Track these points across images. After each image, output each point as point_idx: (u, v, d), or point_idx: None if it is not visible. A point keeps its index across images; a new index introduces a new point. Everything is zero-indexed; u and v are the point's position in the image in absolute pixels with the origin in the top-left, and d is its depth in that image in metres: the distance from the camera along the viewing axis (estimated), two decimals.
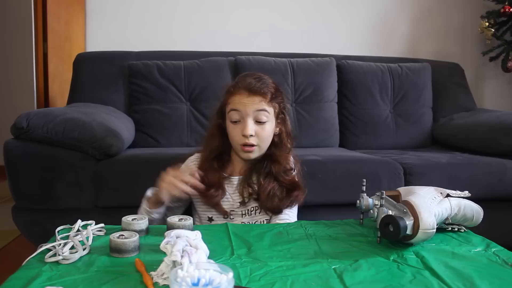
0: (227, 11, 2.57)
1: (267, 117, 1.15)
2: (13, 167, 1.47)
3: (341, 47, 2.62)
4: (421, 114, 2.31)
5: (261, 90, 1.15)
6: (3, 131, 1.83)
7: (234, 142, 1.18)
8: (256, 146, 1.16)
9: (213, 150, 1.21)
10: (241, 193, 1.20)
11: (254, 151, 1.16)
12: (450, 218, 0.94)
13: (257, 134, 1.15)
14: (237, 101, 1.14)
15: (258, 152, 1.18)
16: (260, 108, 1.14)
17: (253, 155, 1.17)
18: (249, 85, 1.15)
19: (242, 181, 1.21)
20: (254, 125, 1.14)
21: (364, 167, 1.65)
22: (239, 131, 1.15)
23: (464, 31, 2.79)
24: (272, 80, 1.22)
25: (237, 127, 1.15)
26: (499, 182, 1.70)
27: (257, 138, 1.15)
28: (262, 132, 1.15)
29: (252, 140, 1.14)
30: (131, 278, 0.68)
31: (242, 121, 1.14)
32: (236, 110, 1.14)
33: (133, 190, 1.50)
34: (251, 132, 1.13)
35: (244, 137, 1.14)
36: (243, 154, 1.17)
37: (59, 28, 2.52)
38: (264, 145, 1.18)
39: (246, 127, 1.13)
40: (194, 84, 2.08)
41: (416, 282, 0.70)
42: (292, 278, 0.70)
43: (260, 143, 1.16)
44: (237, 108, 1.14)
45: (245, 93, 1.14)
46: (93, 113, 1.66)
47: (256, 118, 1.14)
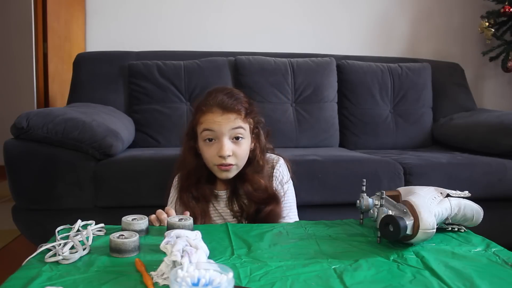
0: (227, 11, 2.58)
1: (243, 134, 1.10)
2: (13, 167, 1.47)
3: (341, 47, 2.62)
4: (421, 114, 2.31)
5: (235, 107, 1.08)
6: (3, 131, 1.83)
7: (209, 163, 1.12)
8: (234, 165, 1.10)
9: (190, 176, 1.15)
10: (231, 208, 1.16)
11: (231, 170, 1.11)
12: (450, 218, 0.94)
13: (234, 153, 1.09)
14: (211, 120, 1.08)
15: (236, 170, 1.12)
16: (235, 126, 1.08)
17: (231, 174, 1.11)
18: (221, 102, 1.08)
19: (229, 196, 1.17)
20: (231, 144, 1.09)
21: (364, 167, 1.65)
22: (214, 151, 1.08)
23: (464, 31, 2.79)
24: (244, 94, 1.16)
25: (212, 147, 1.09)
26: (499, 182, 1.70)
27: (234, 157, 1.09)
28: (239, 150, 1.10)
29: (229, 160, 1.08)
30: (131, 278, 0.68)
31: (218, 140, 1.08)
32: (210, 130, 1.08)
33: (133, 190, 1.51)
34: (229, 153, 1.07)
35: (221, 158, 1.08)
36: (220, 174, 1.11)
37: (59, 28, 2.52)
38: (241, 163, 1.12)
39: (222, 147, 1.07)
40: (194, 84, 2.08)
41: (416, 282, 0.70)
42: (292, 278, 0.70)
43: (238, 161, 1.11)
44: (210, 128, 1.08)
45: (219, 111, 1.08)
46: (93, 113, 1.66)
47: (232, 136, 1.09)
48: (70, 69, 2.19)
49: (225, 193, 1.18)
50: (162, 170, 1.52)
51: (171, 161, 1.56)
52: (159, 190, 1.48)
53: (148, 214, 0.95)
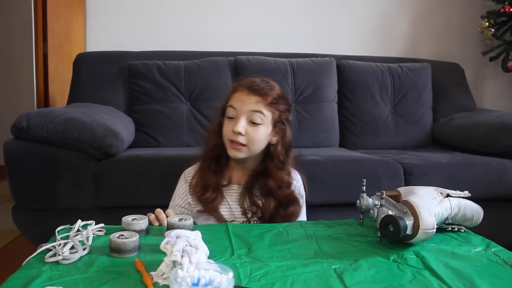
0: (227, 11, 2.57)
1: (261, 119, 1.11)
2: (13, 167, 1.47)
3: (341, 47, 2.62)
4: (421, 114, 2.31)
5: (262, 91, 1.12)
6: (3, 131, 1.83)
7: (224, 138, 1.15)
8: (245, 146, 1.12)
9: (211, 149, 1.18)
10: (241, 205, 1.16)
11: (241, 151, 1.12)
12: (450, 218, 0.94)
13: (247, 134, 1.10)
14: (236, 98, 1.13)
15: (247, 153, 1.13)
16: (255, 108, 1.11)
17: (240, 154, 1.12)
18: (251, 83, 1.14)
19: (243, 192, 1.17)
20: (247, 125, 1.11)
21: (364, 167, 1.65)
22: (230, 126, 1.12)
23: (464, 31, 2.79)
24: (280, 88, 1.19)
25: (230, 123, 1.13)
26: (499, 182, 1.70)
27: (246, 138, 1.11)
28: (253, 133, 1.11)
29: (240, 139, 1.10)
30: (131, 278, 0.68)
31: (236, 118, 1.12)
32: (233, 107, 1.12)
33: (133, 190, 1.51)
34: (241, 130, 1.09)
35: (234, 133, 1.11)
36: (230, 150, 1.13)
37: (59, 28, 2.52)
38: (254, 148, 1.13)
39: (237, 123, 1.10)
40: (194, 84, 2.08)
41: (416, 282, 0.70)
42: (292, 278, 0.70)
43: (250, 144, 1.11)
44: (233, 105, 1.12)
45: (245, 91, 1.12)
46: (93, 113, 1.66)
47: (250, 118, 1.11)
48: (70, 69, 2.19)
49: (238, 188, 1.19)
50: (162, 170, 1.52)
51: (171, 161, 1.56)
52: (159, 190, 1.48)
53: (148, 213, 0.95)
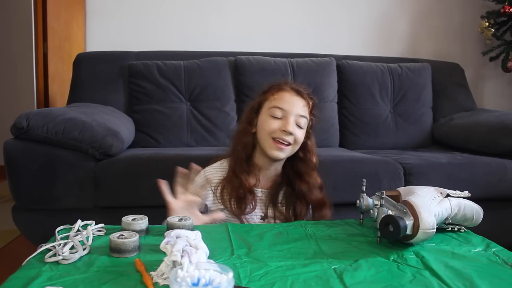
0: (227, 11, 2.58)
1: (304, 124, 1.15)
2: (13, 167, 1.47)
3: (341, 47, 2.62)
4: (421, 114, 2.31)
5: (307, 96, 1.16)
6: (3, 131, 1.83)
7: (266, 135, 1.13)
8: (290, 145, 1.13)
9: (246, 147, 1.16)
10: (265, 210, 1.16)
11: (285, 150, 1.13)
12: (450, 218, 0.94)
13: (294, 135, 1.12)
14: (284, 99, 1.13)
15: (288, 153, 1.14)
16: (302, 113, 1.13)
17: (283, 154, 1.13)
18: (297, 86, 1.16)
19: (268, 197, 1.17)
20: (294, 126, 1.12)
21: (364, 167, 1.65)
22: (277, 124, 1.11)
23: (464, 31, 2.79)
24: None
25: (276, 121, 1.12)
26: (499, 182, 1.70)
27: (293, 138, 1.12)
28: (299, 134, 1.13)
29: (289, 139, 1.11)
30: (131, 278, 0.68)
31: (284, 118, 1.12)
32: (280, 108, 1.12)
33: (133, 190, 1.51)
34: (293, 130, 1.10)
35: (283, 132, 1.10)
36: (273, 149, 1.12)
37: (59, 28, 2.52)
38: (295, 149, 1.15)
39: (288, 123, 1.10)
40: (194, 84, 2.08)
41: (416, 282, 0.69)
42: (292, 278, 0.70)
43: (294, 145, 1.13)
44: (281, 106, 1.12)
45: (293, 92, 1.14)
46: (93, 113, 1.66)
47: (297, 121, 1.13)
48: (70, 69, 2.19)
49: (261, 192, 1.17)
50: (162, 170, 1.51)
51: (171, 161, 1.56)
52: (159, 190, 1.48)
53: (148, 214, 0.95)
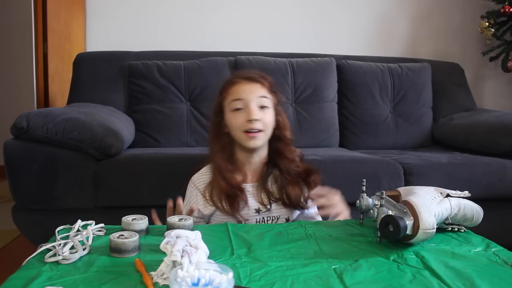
0: (227, 11, 2.57)
1: (268, 104, 1.16)
2: (13, 167, 1.47)
3: (341, 47, 2.62)
4: (421, 114, 2.31)
5: (260, 79, 1.17)
6: (3, 131, 1.83)
7: (237, 131, 1.14)
8: (262, 131, 1.14)
9: (222, 149, 1.17)
10: (260, 201, 1.17)
11: (259, 137, 1.14)
12: (450, 218, 0.94)
13: (262, 119, 1.13)
14: (239, 90, 1.15)
15: (263, 138, 1.16)
16: (261, 94, 1.15)
17: (258, 141, 1.14)
18: (247, 75, 1.18)
19: (259, 187, 1.18)
20: (258, 111, 1.13)
21: (364, 167, 1.66)
22: (242, 118, 1.13)
23: (464, 31, 2.79)
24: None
25: (240, 115, 1.13)
26: (499, 182, 1.70)
27: (261, 123, 1.13)
28: (265, 117, 1.15)
29: (257, 125, 1.12)
30: (131, 278, 0.68)
31: (246, 108, 1.13)
32: (239, 99, 1.14)
33: (133, 190, 1.51)
34: (257, 116, 1.12)
35: (249, 122, 1.12)
36: (248, 141, 1.14)
37: (59, 28, 2.52)
38: (268, 132, 1.16)
39: (251, 111, 1.12)
40: (194, 84, 2.08)
41: (416, 282, 0.69)
42: (292, 278, 0.70)
43: (265, 128, 1.15)
44: (239, 97, 1.14)
45: (245, 81, 1.16)
46: (93, 113, 1.66)
47: (259, 104, 1.14)
48: (70, 69, 2.19)
49: (252, 186, 1.19)
50: (162, 170, 1.52)
51: (171, 161, 1.56)
52: (159, 190, 1.48)
53: (148, 214, 0.95)
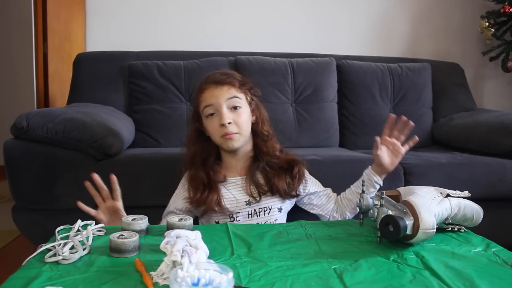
0: (227, 11, 2.57)
1: (239, 103, 1.17)
2: (13, 167, 1.47)
3: (341, 47, 2.62)
4: (421, 114, 2.31)
5: (227, 79, 1.18)
6: (3, 131, 1.83)
7: (215, 136, 1.18)
8: (237, 133, 1.16)
9: (195, 154, 1.21)
10: (249, 193, 1.19)
11: (235, 138, 1.16)
12: (450, 218, 0.94)
13: (234, 122, 1.15)
14: (208, 96, 1.17)
15: (240, 139, 1.18)
16: (230, 95, 1.16)
17: (236, 143, 1.17)
18: (214, 78, 1.19)
19: (247, 180, 1.21)
20: (230, 113, 1.15)
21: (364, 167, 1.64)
22: (216, 123, 1.16)
23: (464, 31, 2.79)
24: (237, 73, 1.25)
25: (214, 120, 1.16)
26: (499, 182, 1.70)
27: (235, 125, 1.15)
28: (238, 118, 1.16)
29: (231, 128, 1.15)
30: (131, 278, 0.68)
31: (217, 113, 1.15)
32: (209, 105, 1.16)
33: (133, 190, 1.51)
34: (228, 120, 1.14)
35: (223, 126, 1.14)
36: (225, 144, 1.17)
37: (59, 28, 2.52)
38: (244, 132, 1.18)
39: (222, 116, 1.14)
40: (194, 84, 2.07)
41: (416, 282, 0.70)
42: (292, 278, 0.70)
43: (240, 129, 1.16)
44: (209, 103, 1.16)
45: (212, 85, 1.17)
46: (93, 113, 1.66)
47: (230, 106, 1.16)
48: (70, 69, 2.19)
49: (241, 179, 1.21)
50: (162, 170, 1.52)
51: (171, 161, 1.56)
52: (159, 190, 1.48)
53: (148, 214, 0.95)
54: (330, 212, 1.27)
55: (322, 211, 1.28)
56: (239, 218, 1.18)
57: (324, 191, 1.30)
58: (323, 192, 1.29)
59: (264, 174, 1.21)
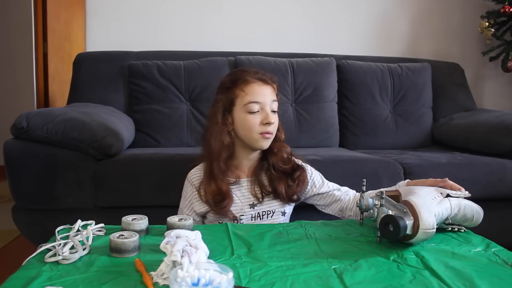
0: (227, 11, 2.57)
1: (277, 107, 1.19)
2: (13, 167, 1.47)
3: (341, 47, 2.62)
4: (421, 114, 2.31)
5: (271, 81, 1.19)
6: (3, 131, 1.83)
7: (252, 132, 1.15)
8: (272, 134, 1.17)
9: (226, 147, 1.16)
10: (254, 193, 1.19)
11: (271, 139, 1.18)
12: (450, 218, 0.94)
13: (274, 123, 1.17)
14: (256, 91, 1.15)
15: (271, 141, 1.19)
16: (274, 98, 1.18)
17: (269, 143, 1.18)
18: (260, 75, 1.18)
19: (252, 182, 1.21)
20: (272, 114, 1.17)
21: (364, 167, 1.65)
22: (257, 120, 1.14)
23: (464, 31, 2.79)
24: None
25: (256, 117, 1.15)
26: (499, 182, 1.70)
27: (274, 126, 1.17)
28: (276, 121, 1.19)
29: (271, 128, 1.16)
30: (131, 278, 0.68)
31: (262, 111, 1.15)
32: (256, 102, 1.15)
33: (133, 190, 1.51)
34: (273, 120, 1.15)
35: (266, 125, 1.14)
36: (261, 142, 1.16)
37: (59, 28, 2.52)
38: (275, 134, 1.20)
39: (268, 115, 1.14)
40: (194, 84, 2.08)
41: (416, 282, 0.70)
42: (292, 278, 0.70)
43: (275, 131, 1.19)
44: (256, 100, 1.15)
45: (260, 82, 1.16)
46: (93, 113, 1.66)
47: (272, 108, 1.17)
48: (70, 69, 2.19)
49: (247, 180, 1.21)
50: (162, 170, 1.52)
51: (171, 161, 1.56)
52: (159, 190, 1.48)
53: (148, 214, 0.95)
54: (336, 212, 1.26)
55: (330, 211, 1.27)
56: (243, 221, 1.18)
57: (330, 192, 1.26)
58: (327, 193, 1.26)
59: (268, 175, 1.21)
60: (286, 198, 1.20)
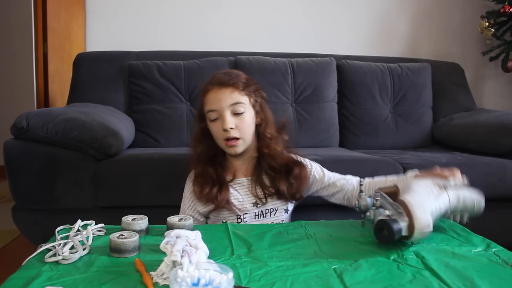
0: (227, 11, 2.57)
1: (243, 107, 1.16)
2: (13, 167, 1.47)
3: (341, 47, 2.62)
4: (421, 114, 2.31)
5: (231, 81, 1.15)
6: (3, 131, 1.83)
7: (218, 141, 1.17)
8: (240, 139, 1.15)
9: (202, 154, 1.20)
10: (255, 194, 1.19)
11: (238, 145, 1.16)
12: (449, 211, 0.93)
13: (237, 127, 1.14)
14: (212, 99, 1.15)
15: (243, 145, 1.17)
16: (233, 101, 1.14)
17: (238, 148, 1.16)
18: (218, 79, 1.17)
19: (253, 181, 1.20)
20: (233, 118, 1.14)
21: (364, 167, 1.65)
22: (219, 127, 1.15)
23: (464, 31, 2.79)
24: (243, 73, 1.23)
25: (217, 124, 1.15)
26: (499, 182, 1.69)
27: (238, 130, 1.15)
28: (241, 123, 1.15)
29: (233, 133, 1.14)
30: (131, 278, 0.68)
31: (220, 117, 1.14)
32: (213, 110, 1.15)
33: (133, 190, 1.51)
34: (231, 125, 1.13)
35: (225, 131, 1.13)
36: (228, 149, 1.17)
37: (59, 28, 2.52)
38: (247, 137, 1.17)
39: (224, 121, 1.13)
40: (194, 84, 2.08)
41: (416, 282, 0.70)
42: (292, 278, 0.70)
43: (242, 135, 1.16)
44: (213, 108, 1.15)
45: (216, 87, 1.15)
46: (93, 113, 1.66)
47: (233, 111, 1.14)
48: (70, 69, 2.19)
49: (247, 180, 1.21)
50: (162, 170, 1.52)
51: (171, 161, 1.56)
52: (159, 190, 1.48)
53: (148, 214, 0.95)
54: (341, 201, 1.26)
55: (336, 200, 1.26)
56: (246, 219, 1.18)
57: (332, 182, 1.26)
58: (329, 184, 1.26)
59: (269, 175, 1.20)
60: (289, 197, 1.19)
